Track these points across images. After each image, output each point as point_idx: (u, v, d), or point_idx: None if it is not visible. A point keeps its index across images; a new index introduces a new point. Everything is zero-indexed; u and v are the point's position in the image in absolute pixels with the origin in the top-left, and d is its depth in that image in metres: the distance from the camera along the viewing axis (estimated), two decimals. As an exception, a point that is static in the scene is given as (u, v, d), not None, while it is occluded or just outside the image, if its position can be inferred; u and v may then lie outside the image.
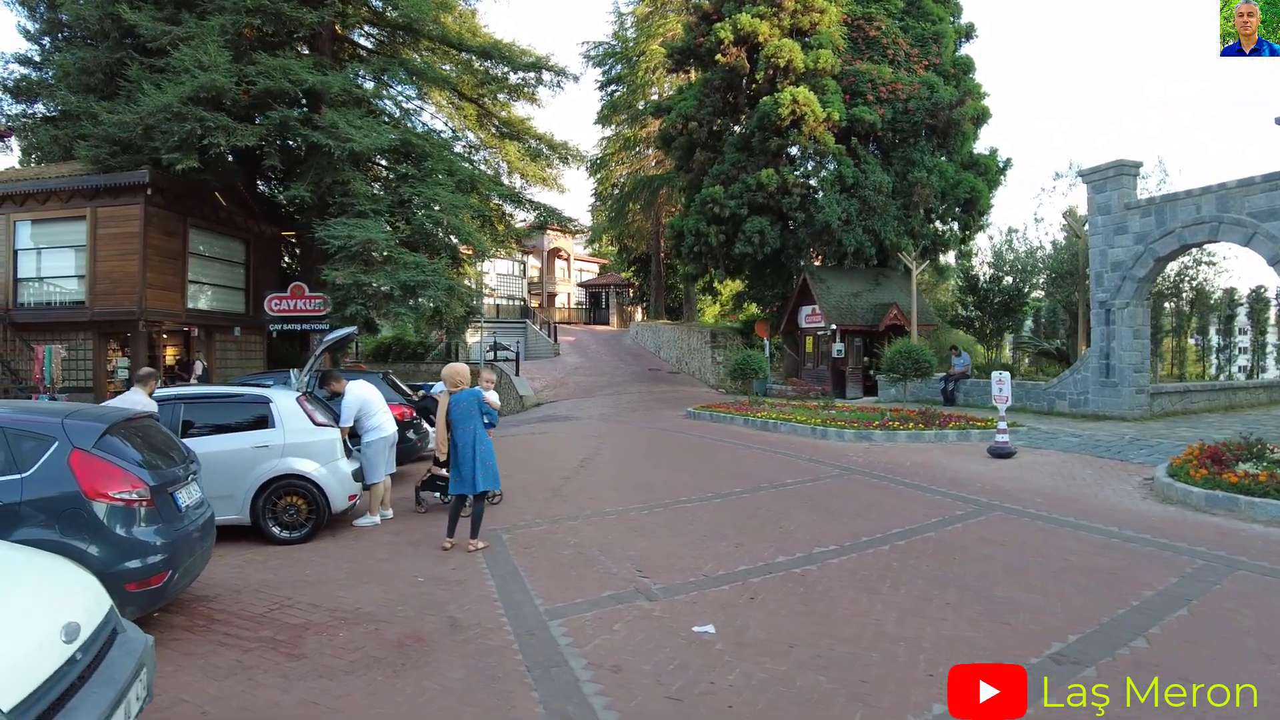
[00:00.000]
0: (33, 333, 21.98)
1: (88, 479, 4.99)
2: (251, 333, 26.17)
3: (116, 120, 19.55)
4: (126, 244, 21.22)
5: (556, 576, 7.01)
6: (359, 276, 19.29)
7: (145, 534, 5.14)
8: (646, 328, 47.45)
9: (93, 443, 5.15)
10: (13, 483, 4.90)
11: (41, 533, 4.78)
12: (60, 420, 5.23)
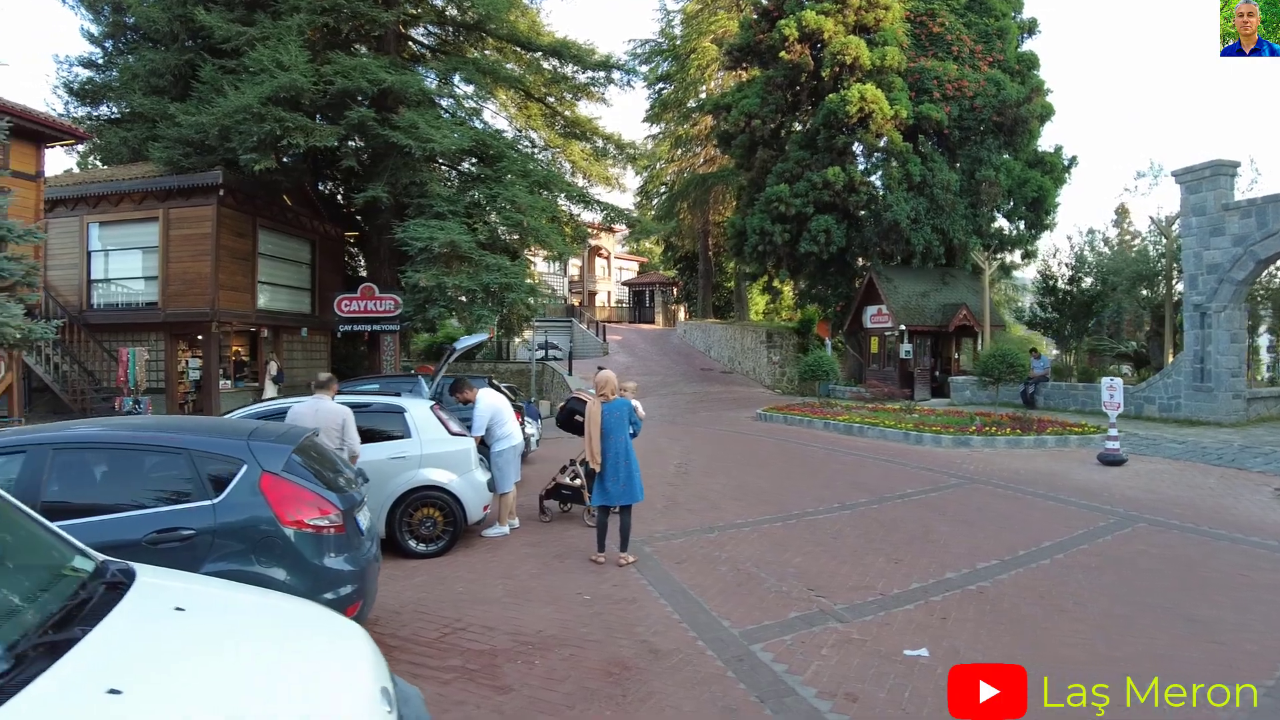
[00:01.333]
0: (105, 334, 22.03)
1: (280, 504, 4.66)
2: (316, 333, 26.16)
3: (194, 121, 19.49)
4: (199, 245, 21.18)
5: (729, 595, 6.71)
6: (441, 279, 19.07)
7: (338, 562, 4.80)
8: (695, 327, 47.03)
9: (282, 465, 4.80)
10: (204, 509, 4.56)
11: (236, 564, 4.46)
12: (246, 441, 4.91)
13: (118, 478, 4.80)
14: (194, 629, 2.61)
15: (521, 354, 41.79)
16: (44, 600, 2.48)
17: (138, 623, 2.49)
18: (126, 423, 5.68)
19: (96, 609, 2.46)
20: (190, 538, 4.44)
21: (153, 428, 5.20)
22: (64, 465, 4.69)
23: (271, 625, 2.88)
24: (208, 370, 21.71)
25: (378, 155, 21.42)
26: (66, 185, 22.78)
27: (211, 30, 21.62)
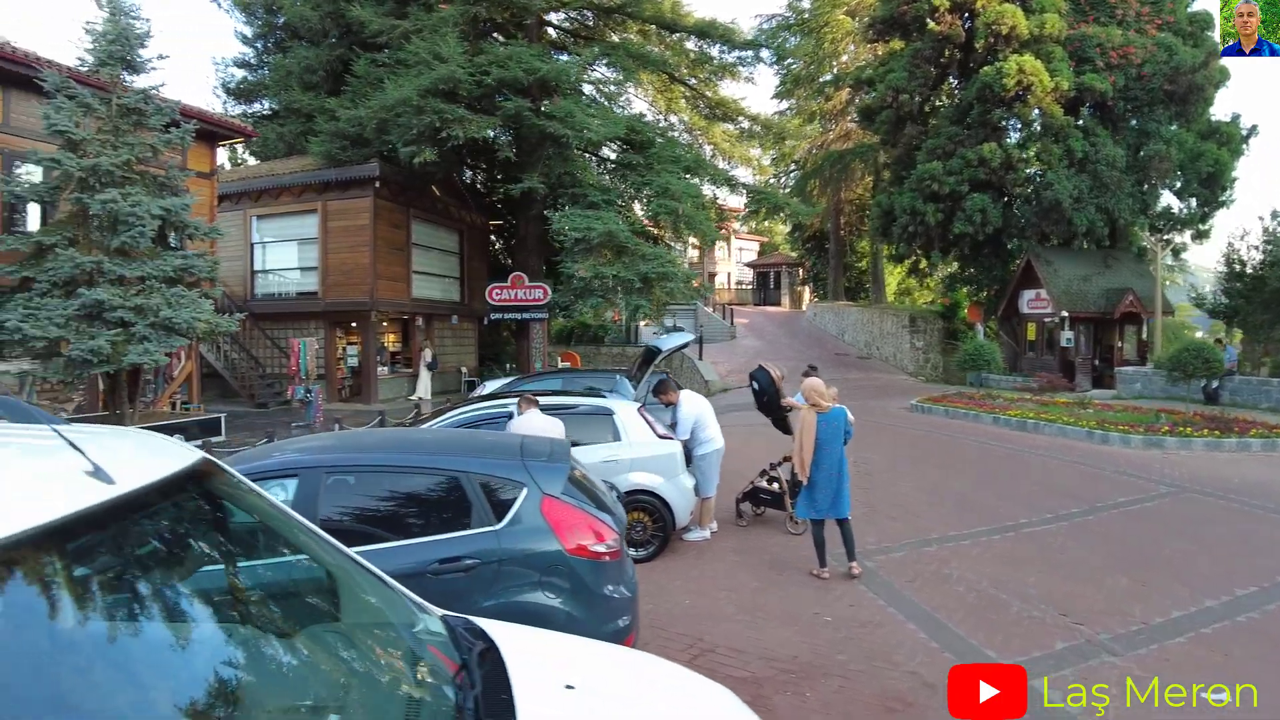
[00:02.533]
0: (268, 323, 22.97)
1: (563, 530, 4.35)
2: (464, 321, 26.69)
3: (352, 115, 19.98)
4: (357, 236, 21.78)
5: (978, 620, 6.23)
6: (600, 269, 19.00)
7: (617, 590, 4.50)
8: (827, 309, 45.82)
9: (561, 488, 4.51)
10: (487, 536, 4.28)
11: (521, 596, 4.19)
12: (521, 462, 4.63)
13: (393, 503, 4.58)
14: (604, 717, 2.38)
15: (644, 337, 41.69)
16: (434, 685, 2.28)
17: (549, 716, 2.27)
18: (394, 442, 5.51)
19: (494, 696, 2.23)
20: (474, 568, 4.19)
21: (423, 449, 5.02)
22: (337, 489, 4.57)
23: (667, 703, 2.65)
24: (366, 358, 22.36)
25: (529, 145, 21.49)
26: (231, 180, 23.81)
27: (364, 25, 22.12)
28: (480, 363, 28.00)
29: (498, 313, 23.60)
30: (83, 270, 12.58)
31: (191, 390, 18.44)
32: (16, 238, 13.42)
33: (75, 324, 12.34)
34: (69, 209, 13.59)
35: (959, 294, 33.33)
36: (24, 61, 14.88)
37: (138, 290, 13.04)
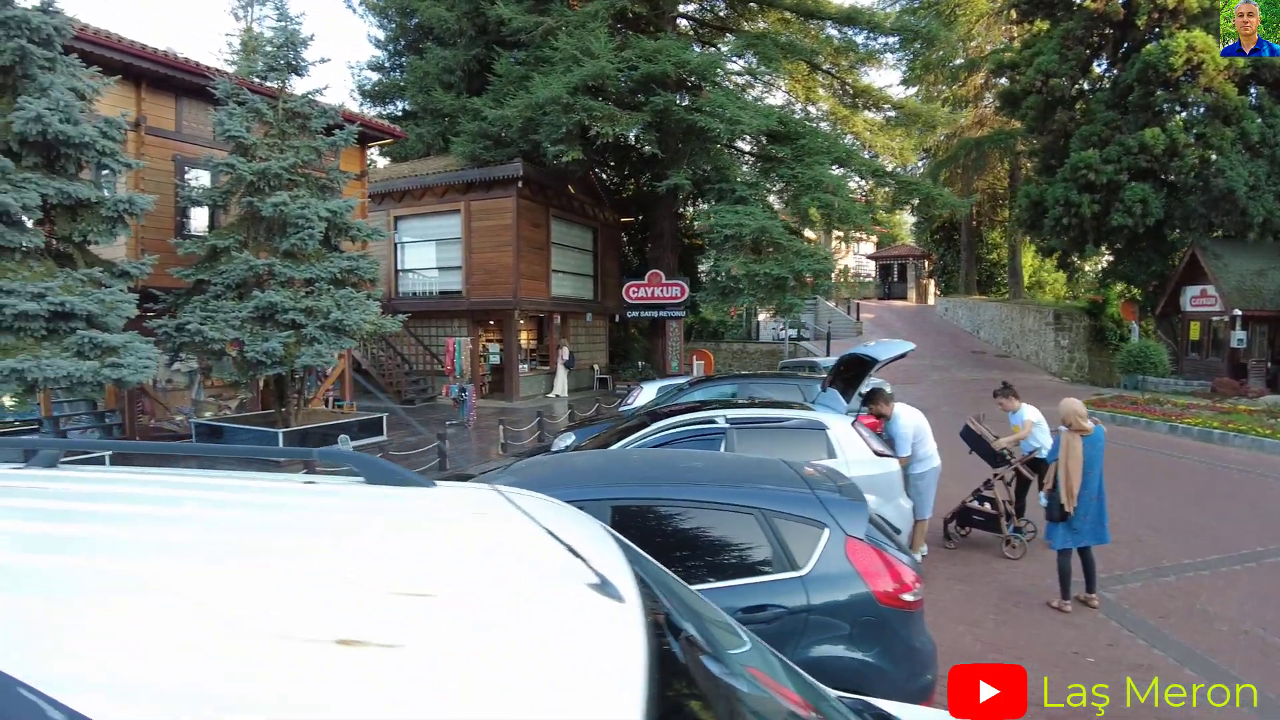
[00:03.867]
0: (411, 321, 23.27)
1: (872, 577, 3.86)
2: (596, 318, 26.60)
3: (498, 115, 19.99)
4: (500, 236, 21.83)
5: (1263, 669, 5.45)
6: (751, 265, 18.49)
7: (923, 640, 4.01)
8: (960, 304, 43.91)
9: (864, 529, 4.02)
10: (791, 583, 3.80)
11: (835, 650, 3.73)
12: (816, 496, 4.14)
13: (683, 545, 4.12)
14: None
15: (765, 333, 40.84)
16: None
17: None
18: (672, 471, 5.02)
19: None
20: (779, 618, 3.74)
21: (710, 480, 4.58)
22: (622, 528, 4.19)
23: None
24: (508, 355, 22.43)
25: (673, 140, 21.11)
26: (376, 181, 24.25)
27: (504, 23, 22.14)
28: (610, 360, 27.89)
29: (634, 310, 23.36)
30: (256, 273, 12.81)
31: (344, 388, 18.80)
32: (192, 241, 13.78)
33: (249, 326, 12.58)
34: (238, 212, 13.92)
35: (1110, 290, 31.35)
36: (197, 71, 15.32)
37: (307, 292, 13.23)
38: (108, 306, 10.22)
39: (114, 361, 9.87)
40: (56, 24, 10.57)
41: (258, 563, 1.32)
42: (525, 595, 1.31)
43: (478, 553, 1.53)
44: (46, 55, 10.42)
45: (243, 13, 45.68)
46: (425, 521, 1.77)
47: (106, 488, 1.93)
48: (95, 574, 1.19)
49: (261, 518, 1.69)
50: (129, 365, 9.96)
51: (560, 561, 1.50)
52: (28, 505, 1.67)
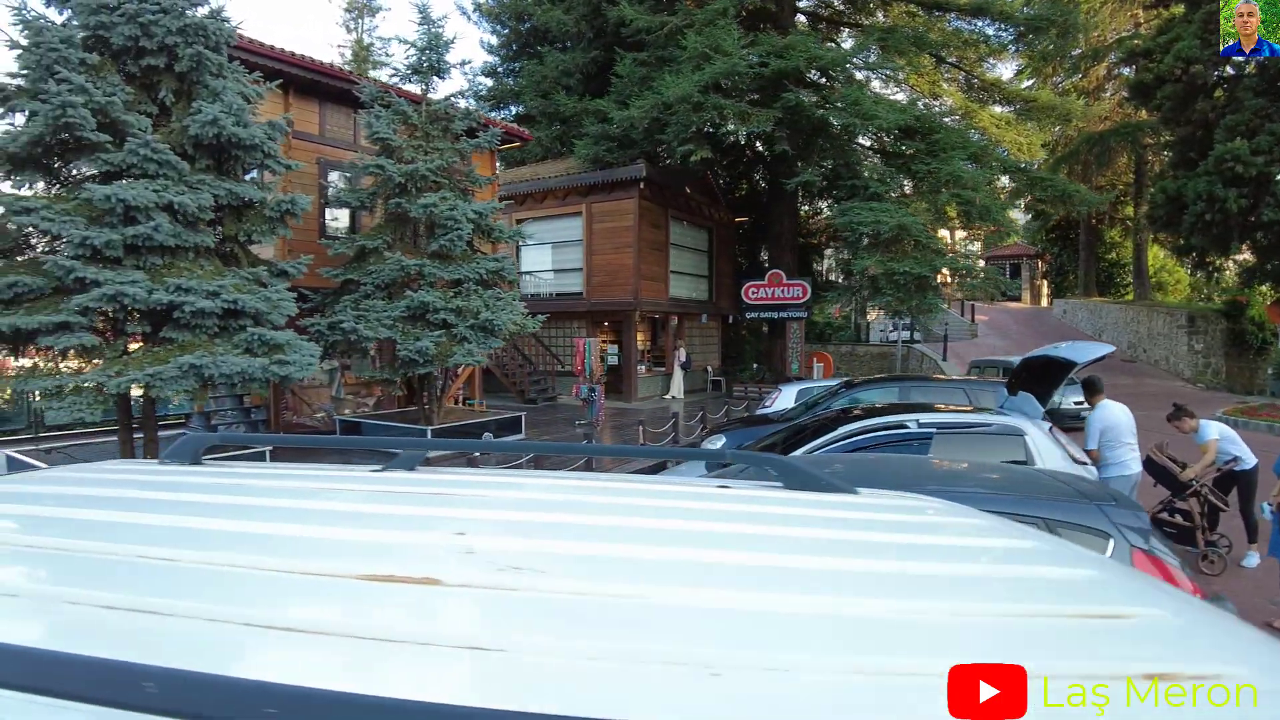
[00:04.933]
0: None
1: None
2: (710, 319, 26.36)
3: (624, 116, 19.93)
4: (621, 237, 21.80)
5: None
6: (889, 264, 17.96)
7: None
8: (1080, 306, 42.02)
9: (1146, 539, 3.72)
10: None
11: None
12: (1095, 504, 3.86)
13: None
14: None
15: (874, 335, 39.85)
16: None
17: None
18: (942, 476, 4.79)
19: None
20: None
21: (989, 488, 4.31)
22: None
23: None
24: (627, 356, 22.35)
25: (801, 137, 20.69)
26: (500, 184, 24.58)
27: (628, 24, 22.08)
28: (721, 362, 27.58)
29: (753, 311, 23.00)
30: (407, 273, 12.97)
31: (473, 387, 19.00)
32: (342, 242, 14.06)
33: (401, 325, 12.74)
34: (384, 214, 14.14)
35: (1254, 290, 29.44)
36: (341, 76, 15.69)
37: (455, 293, 13.35)
38: (272, 305, 10.44)
39: (280, 358, 10.06)
40: (225, 31, 10.88)
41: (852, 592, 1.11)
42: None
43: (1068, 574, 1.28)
44: (217, 61, 10.73)
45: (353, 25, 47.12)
46: (944, 536, 1.53)
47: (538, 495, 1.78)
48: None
49: (752, 530, 1.45)
50: (294, 362, 10.14)
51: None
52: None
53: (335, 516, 1.52)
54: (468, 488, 1.78)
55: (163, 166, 9.76)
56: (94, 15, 9.92)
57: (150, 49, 10.11)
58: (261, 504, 1.61)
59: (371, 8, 47.32)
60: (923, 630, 0.99)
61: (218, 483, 1.79)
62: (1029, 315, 46.59)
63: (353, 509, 1.59)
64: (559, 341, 23.79)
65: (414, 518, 1.49)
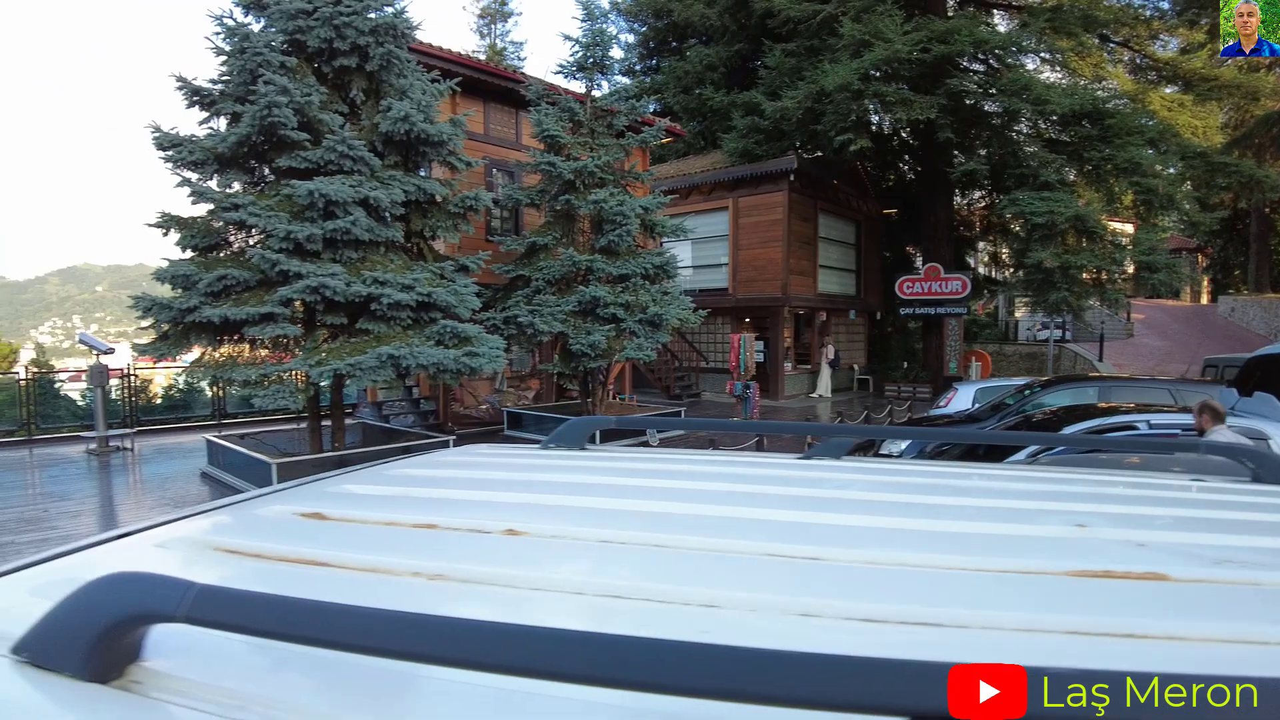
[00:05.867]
0: (676, 318, 23.41)
1: None
2: (858, 315, 25.66)
3: (777, 107, 19.57)
4: (769, 231, 21.43)
5: None
6: (1065, 257, 17.04)
7: None
8: (1253, 304, 38.89)
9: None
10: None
11: None
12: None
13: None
14: None
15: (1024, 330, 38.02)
16: None
17: None
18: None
19: None
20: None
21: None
22: None
23: None
24: (774, 352, 21.95)
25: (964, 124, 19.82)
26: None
27: (774, 15, 21.73)
28: (868, 360, 26.80)
29: (908, 307, 22.21)
30: (577, 268, 13.03)
31: (624, 382, 19.02)
32: (513, 239, 14.25)
33: (572, 320, 12.81)
34: (551, 210, 14.25)
35: None
36: (507, 75, 15.93)
37: (622, 287, 13.33)
38: (459, 299, 10.61)
39: (470, 350, 10.21)
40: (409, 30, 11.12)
41: None
42: None
43: None
44: (405, 59, 10.99)
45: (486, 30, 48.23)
46: None
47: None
48: None
49: None
50: (483, 354, 10.28)
51: None
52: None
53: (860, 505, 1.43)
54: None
55: (357, 163, 10.05)
56: (291, 20, 10.29)
57: (343, 50, 10.42)
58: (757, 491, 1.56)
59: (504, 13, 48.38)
60: None
61: (651, 467, 1.80)
62: (1189, 314, 43.55)
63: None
64: (702, 338, 23.61)
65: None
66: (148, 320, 10.17)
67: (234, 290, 9.74)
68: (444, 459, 2.04)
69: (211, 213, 10.12)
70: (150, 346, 10.24)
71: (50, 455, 13.69)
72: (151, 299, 9.92)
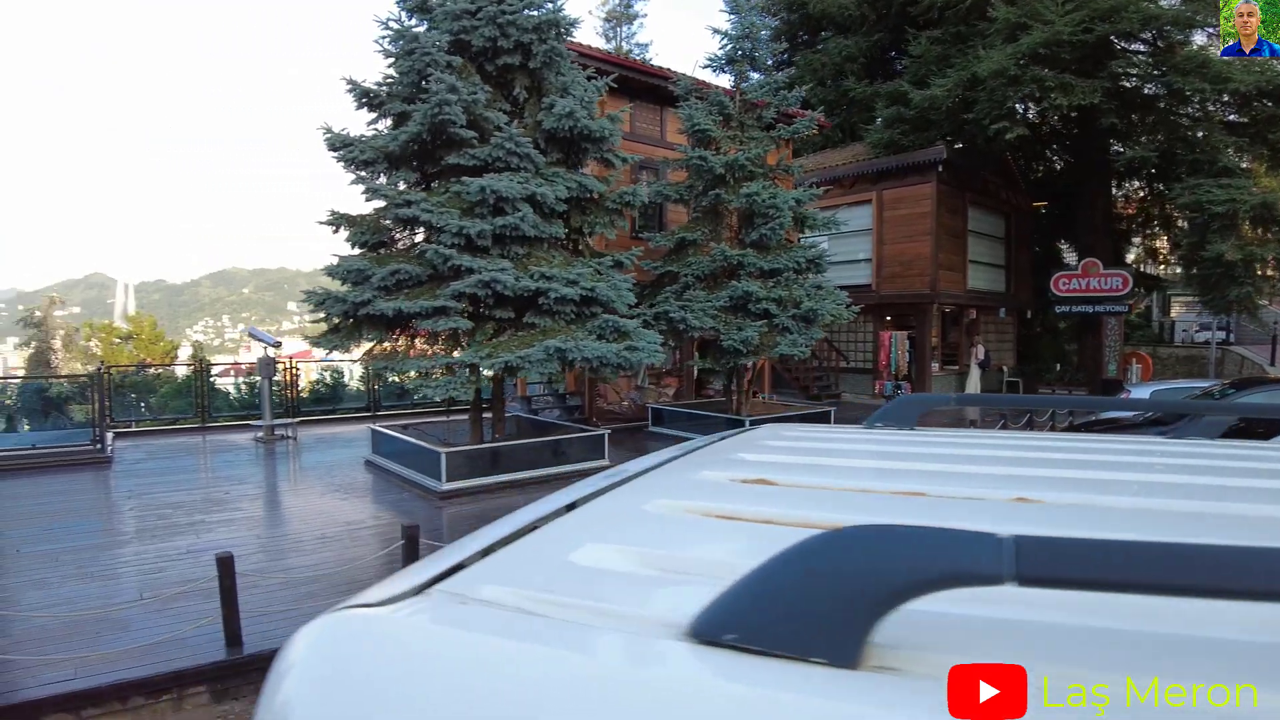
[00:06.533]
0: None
1: None
2: (1007, 313, 24.51)
3: (926, 96, 18.89)
4: (916, 225, 20.71)
5: None
6: (1250, 249, 15.84)
7: None
8: None
9: None
10: None
11: None
12: None
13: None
14: None
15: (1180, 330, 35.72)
16: None
17: None
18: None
19: None
20: None
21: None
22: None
23: None
24: (920, 352, 21.21)
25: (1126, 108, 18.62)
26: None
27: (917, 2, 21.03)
28: (1017, 361, 25.55)
29: (1064, 304, 21.04)
30: (729, 263, 12.88)
31: (764, 380, 18.75)
32: (662, 235, 14.22)
33: (723, 316, 12.66)
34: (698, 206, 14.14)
35: None
36: (653, 72, 15.91)
37: (774, 282, 13.10)
38: (619, 294, 10.62)
39: (630, 345, 10.21)
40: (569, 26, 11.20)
41: None
42: None
43: None
44: (566, 55, 11.08)
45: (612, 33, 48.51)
46: None
47: None
48: None
49: None
50: (642, 349, 10.26)
51: None
52: None
53: None
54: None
55: (523, 160, 10.18)
56: (455, 21, 10.51)
57: (506, 48, 10.57)
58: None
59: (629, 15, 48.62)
60: None
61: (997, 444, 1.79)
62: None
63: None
64: (842, 337, 23.04)
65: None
66: (319, 314, 10.60)
67: (405, 285, 10.03)
68: (770, 440, 1.95)
69: (381, 210, 10.45)
70: (323, 339, 10.65)
71: (221, 442, 14.48)
72: (325, 292, 10.33)
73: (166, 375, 20.85)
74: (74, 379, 18.82)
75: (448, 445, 10.57)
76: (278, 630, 5.93)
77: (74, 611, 6.12)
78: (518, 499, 9.86)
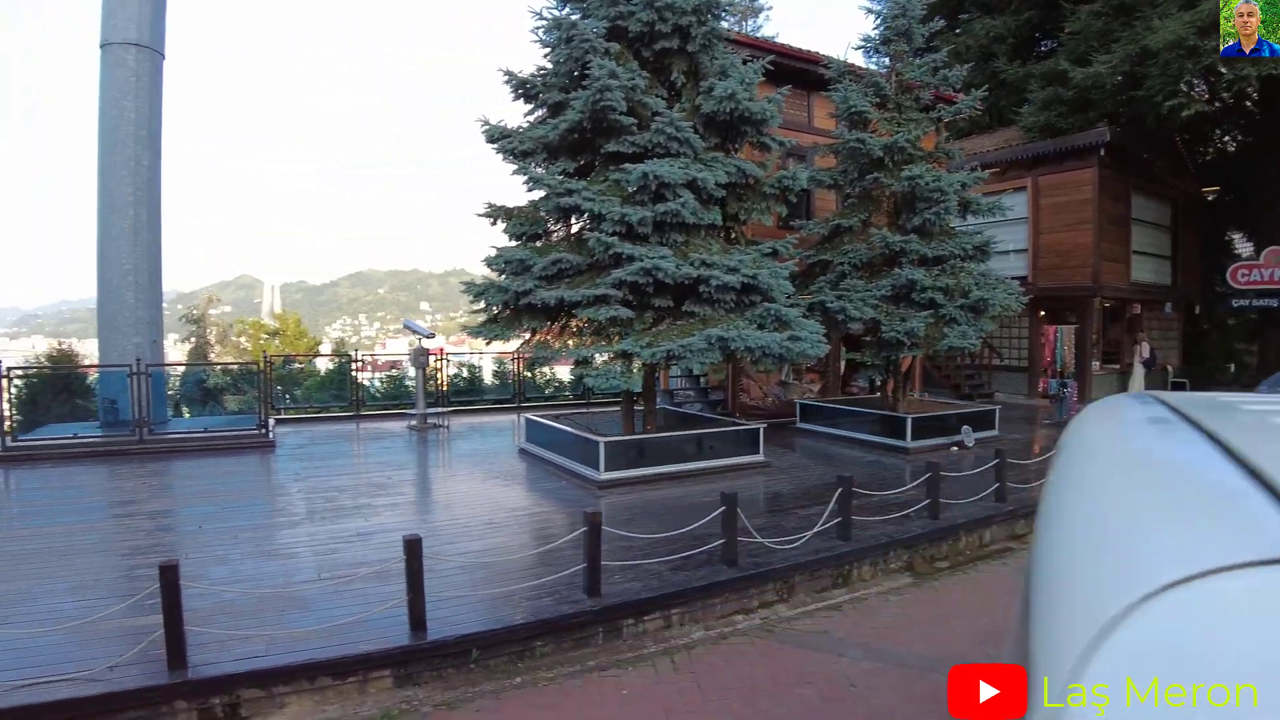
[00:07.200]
0: (960, 309, 21.89)
1: None
2: (1173, 309, 22.79)
3: (1090, 73, 17.73)
4: (1075, 213, 19.44)
5: None
6: None
7: None
8: None
9: None
10: None
11: None
12: None
13: None
14: None
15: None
16: None
17: None
18: None
19: None
20: None
21: None
22: None
23: None
24: (1082, 349, 19.93)
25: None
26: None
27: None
28: (1183, 360, 23.71)
29: (1243, 299, 19.40)
30: (889, 250, 12.34)
31: (914, 377, 17.99)
32: (817, 222, 13.78)
33: (884, 306, 12.13)
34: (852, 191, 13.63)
35: None
36: (802, 56, 15.47)
37: (939, 270, 12.47)
38: (778, 281, 10.27)
39: (792, 335, 9.86)
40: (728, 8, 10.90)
41: None
42: None
43: None
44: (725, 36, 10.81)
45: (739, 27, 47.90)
46: None
47: None
48: None
49: None
50: (805, 339, 9.89)
51: None
52: None
53: None
54: None
55: (682, 145, 9.96)
56: (612, 7, 10.36)
57: (664, 32, 10.35)
58: None
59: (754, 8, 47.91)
60: None
61: None
62: None
63: None
64: (994, 332, 21.85)
65: None
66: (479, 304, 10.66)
67: (566, 274, 9.97)
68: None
69: (539, 201, 10.41)
70: (481, 329, 10.71)
71: (377, 430, 14.87)
72: (485, 283, 10.37)
73: (309, 369, 21.74)
74: (243, 365, 19.95)
75: (602, 435, 10.46)
76: (459, 616, 5.88)
77: (258, 588, 6.24)
78: (675, 491, 9.67)
